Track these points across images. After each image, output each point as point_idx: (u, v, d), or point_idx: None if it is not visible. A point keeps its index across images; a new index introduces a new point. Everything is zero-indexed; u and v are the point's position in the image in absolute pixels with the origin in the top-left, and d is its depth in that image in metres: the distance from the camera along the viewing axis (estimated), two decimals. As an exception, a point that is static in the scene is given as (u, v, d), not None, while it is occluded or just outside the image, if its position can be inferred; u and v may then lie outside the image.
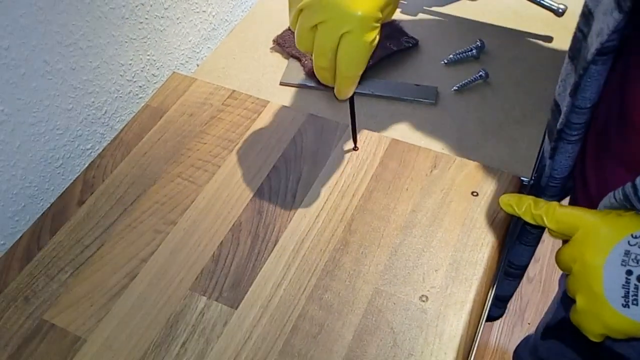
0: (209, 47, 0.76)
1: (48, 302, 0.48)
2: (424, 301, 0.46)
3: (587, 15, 0.41)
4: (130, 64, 0.63)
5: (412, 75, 0.68)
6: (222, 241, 0.50)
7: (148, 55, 0.65)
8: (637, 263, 0.37)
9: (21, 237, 0.52)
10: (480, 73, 0.66)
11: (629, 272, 0.38)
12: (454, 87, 0.66)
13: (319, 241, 0.50)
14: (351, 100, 0.51)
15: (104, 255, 0.50)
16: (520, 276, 0.64)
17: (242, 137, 0.59)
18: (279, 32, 0.72)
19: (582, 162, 0.49)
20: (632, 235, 0.38)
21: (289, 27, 0.72)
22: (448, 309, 0.45)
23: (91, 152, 0.62)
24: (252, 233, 0.51)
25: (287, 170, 0.55)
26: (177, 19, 0.68)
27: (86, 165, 0.58)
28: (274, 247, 0.50)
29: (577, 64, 0.42)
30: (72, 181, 0.56)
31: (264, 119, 0.60)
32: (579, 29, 0.42)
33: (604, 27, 0.38)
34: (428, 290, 0.46)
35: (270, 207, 0.53)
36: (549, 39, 0.71)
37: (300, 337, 0.44)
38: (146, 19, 0.63)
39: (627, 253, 0.38)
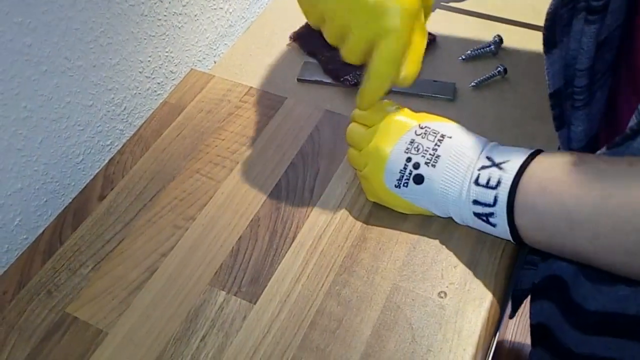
0: (226, 44, 0.76)
1: (70, 296, 0.48)
2: (442, 297, 0.46)
3: None
4: (149, 61, 0.64)
5: (430, 71, 0.68)
6: (240, 236, 0.51)
7: (166, 52, 0.66)
8: (417, 152, 0.44)
9: (43, 231, 0.53)
10: (499, 69, 0.66)
11: (409, 159, 0.44)
12: (472, 83, 0.65)
13: (337, 237, 0.50)
14: None
15: (125, 249, 0.51)
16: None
17: (259, 134, 0.59)
18: (296, 29, 0.72)
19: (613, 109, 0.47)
20: (419, 126, 0.45)
21: (306, 24, 0.73)
22: (467, 305, 0.45)
23: (111, 148, 0.63)
24: (270, 229, 0.51)
25: (304, 167, 0.56)
26: (195, 15, 0.68)
27: (106, 161, 0.58)
28: (292, 242, 0.50)
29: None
30: (92, 177, 0.57)
31: (281, 116, 0.60)
32: None
33: None
34: (447, 287, 0.46)
35: (288, 203, 0.53)
36: (568, 34, 0.70)
37: (318, 332, 0.45)
38: (165, 15, 0.64)
39: (412, 142, 0.45)
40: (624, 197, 0.35)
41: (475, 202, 0.42)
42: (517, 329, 1.20)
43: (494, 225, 0.42)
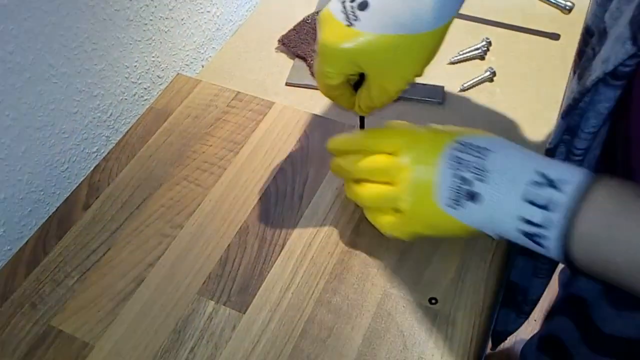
0: (213, 48, 0.75)
1: (55, 308, 0.47)
2: (433, 303, 0.46)
3: (602, 34, 0.37)
4: (135, 66, 0.63)
5: (419, 75, 0.67)
6: (229, 245, 0.50)
7: (153, 56, 0.65)
8: (464, 167, 0.39)
9: (27, 242, 0.52)
10: (487, 72, 0.65)
11: (456, 176, 0.39)
12: (461, 86, 0.65)
13: (327, 244, 0.49)
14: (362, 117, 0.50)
15: (111, 259, 0.50)
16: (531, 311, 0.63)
17: (247, 139, 0.58)
18: (284, 32, 0.72)
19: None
20: (454, 141, 0.40)
21: (294, 27, 0.72)
22: (458, 311, 0.45)
23: (97, 155, 0.62)
24: (259, 236, 0.50)
25: (293, 173, 0.55)
26: (182, 19, 0.68)
27: (92, 169, 0.57)
28: (282, 250, 0.49)
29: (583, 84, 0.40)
30: (77, 185, 0.56)
31: (269, 121, 0.60)
32: (591, 46, 0.39)
33: (612, 56, 0.34)
34: (438, 293, 0.46)
35: (277, 210, 0.52)
36: (556, 36, 0.70)
37: (309, 341, 0.44)
38: (151, 20, 0.63)
39: (454, 157, 0.39)
40: None
41: (525, 220, 0.38)
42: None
43: (542, 247, 0.39)
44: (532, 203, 0.37)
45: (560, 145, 0.43)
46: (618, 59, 0.34)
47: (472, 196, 0.39)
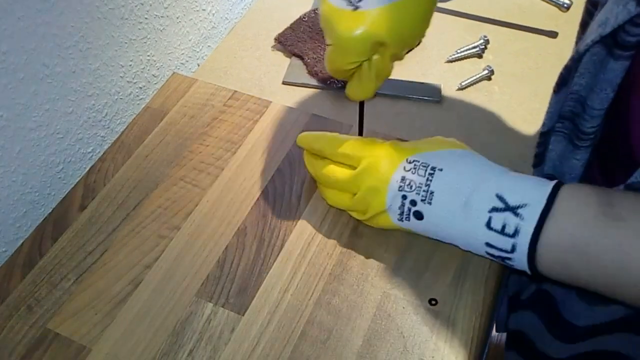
0: (209, 46, 0.75)
1: (51, 311, 0.47)
2: (433, 305, 0.45)
3: (604, 3, 0.36)
4: (130, 65, 0.62)
5: (416, 73, 0.67)
6: (227, 246, 0.50)
7: (148, 55, 0.64)
8: (411, 189, 0.42)
9: (22, 244, 0.51)
10: (485, 70, 0.65)
11: (404, 197, 0.43)
12: (459, 85, 0.65)
13: (326, 245, 0.49)
14: (361, 102, 0.50)
15: (108, 261, 0.49)
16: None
17: (244, 139, 0.58)
18: (281, 30, 0.71)
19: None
20: (406, 161, 0.43)
21: (290, 25, 0.71)
22: (458, 311, 0.45)
23: (92, 156, 0.61)
24: (257, 237, 0.50)
25: (291, 172, 0.55)
26: (177, 18, 0.67)
27: (87, 169, 0.57)
28: (280, 251, 0.49)
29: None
30: (73, 186, 0.55)
31: (266, 120, 0.59)
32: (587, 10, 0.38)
33: (611, 18, 0.33)
34: (438, 294, 0.46)
35: (275, 210, 0.52)
36: (554, 34, 0.70)
37: (309, 343, 0.44)
38: (146, 18, 0.62)
39: (403, 179, 0.43)
40: None
41: (489, 245, 0.40)
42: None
43: (510, 265, 0.40)
44: (493, 229, 0.39)
45: (561, 134, 0.42)
46: (619, 20, 0.32)
47: (417, 214, 0.43)
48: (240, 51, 0.71)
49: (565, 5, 0.72)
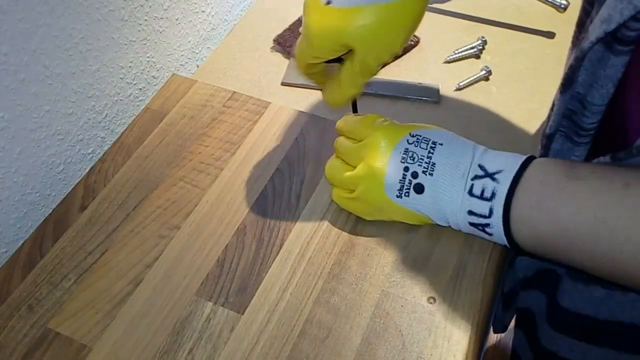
0: (208, 48, 0.75)
1: (52, 310, 0.47)
2: (431, 303, 0.46)
3: (602, 2, 0.35)
4: (130, 67, 0.63)
5: (414, 74, 0.67)
6: (226, 245, 0.50)
7: (148, 57, 0.65)
8: (413, 160, 0.44)
9: (23, 244, 0.52)
10: (483, 71, 0.66)
11: (406, 169, 0.44)
12: (457, 85, 0.65)
13: (325, 244, 0.49)
14: (354, 101, 0.50)
15: (108, 261, 0.50)
16: None
17: (244, 139, 0.58)
18: (279, 32, 0.72)
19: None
20: (410, 134, 0.45)
21: (289, 27, 0.72)
22: (456, 310, 0.45)
23: (92, 157, 0.62)
24: (256, 237, 0.50)
25: (290, 173, 0.55)
26: (176, 19, 0.67)
27: (87, 170, 0.57)
28: (279, 250, 0.49)
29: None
30: (73, 187, 0.56)
31: (265, 121, 0.60)
32: (590, 19, 0.37)
33: (615, 14, 0.32)
34: (436, 292, 0.46)
35: (274, 210, 0.52)
36: (551, 34, 0.70)
37: (308, 342, 0.44)
38: (145, 20, 0.62)
39: (406, 151, 0.44)
40: (617, 222, 0.35)
41: (471, 212, 0.42)
42: (508, 334, 1.20)
43: (490, 235, 0.42)
44: (473, 195, 0.41)
45: (558, 132, 0.43)
46: (624, 15, 0.32)
47: (418, 187, 0.44)
48: (239, 52, 0.72)
49: (563, 5, 0.72)
